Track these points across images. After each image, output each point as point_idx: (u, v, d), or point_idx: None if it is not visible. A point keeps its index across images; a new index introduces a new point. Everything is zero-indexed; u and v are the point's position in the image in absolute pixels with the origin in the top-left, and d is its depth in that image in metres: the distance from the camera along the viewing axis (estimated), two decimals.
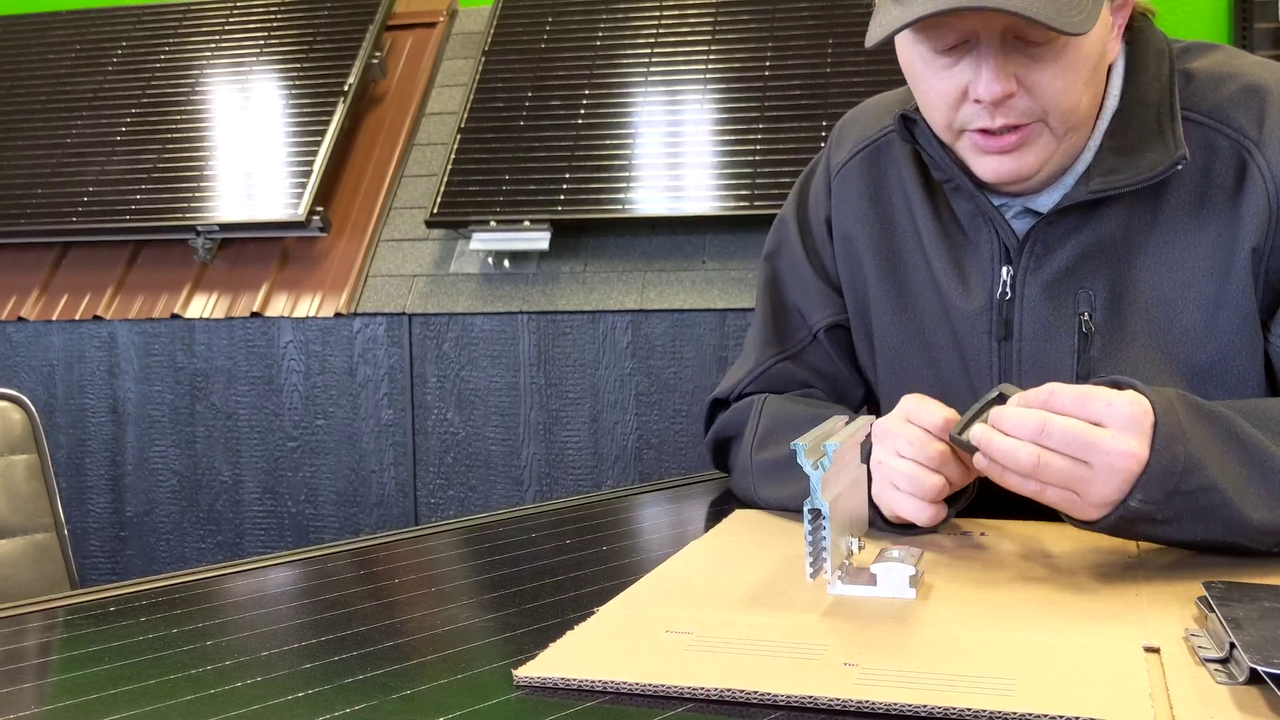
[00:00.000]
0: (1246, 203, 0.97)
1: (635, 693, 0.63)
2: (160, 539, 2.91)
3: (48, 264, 3.11)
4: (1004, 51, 0.92)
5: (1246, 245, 0.96)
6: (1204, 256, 0.98)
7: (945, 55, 0.95)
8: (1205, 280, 0.98)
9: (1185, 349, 0.99)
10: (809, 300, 1.19)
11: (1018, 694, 0.60)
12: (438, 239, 2.93)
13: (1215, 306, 0.98)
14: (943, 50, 0.95)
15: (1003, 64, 0.92)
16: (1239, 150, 0.98)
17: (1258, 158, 0.97)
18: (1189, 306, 0.98)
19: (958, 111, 0.97)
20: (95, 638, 0.78)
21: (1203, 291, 0.98)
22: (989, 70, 0.92)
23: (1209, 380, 0.98)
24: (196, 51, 3.34)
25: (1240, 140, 0.98)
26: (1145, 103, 1.00)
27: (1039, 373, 1.02)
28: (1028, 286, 1.03)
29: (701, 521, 1.12)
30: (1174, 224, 0.99)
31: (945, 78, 0.96)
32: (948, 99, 0.97)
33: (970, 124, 0.97)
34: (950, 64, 0.96)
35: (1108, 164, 0.99)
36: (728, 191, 2.73)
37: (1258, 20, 2.91)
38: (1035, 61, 0.93)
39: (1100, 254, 1.01)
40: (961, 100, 0.96)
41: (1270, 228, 0.96)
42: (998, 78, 0.92)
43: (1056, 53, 0.93)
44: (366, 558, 1.01)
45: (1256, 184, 0.97)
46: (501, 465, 2.75)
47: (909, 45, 0.99)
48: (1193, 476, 0.81)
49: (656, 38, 3.06)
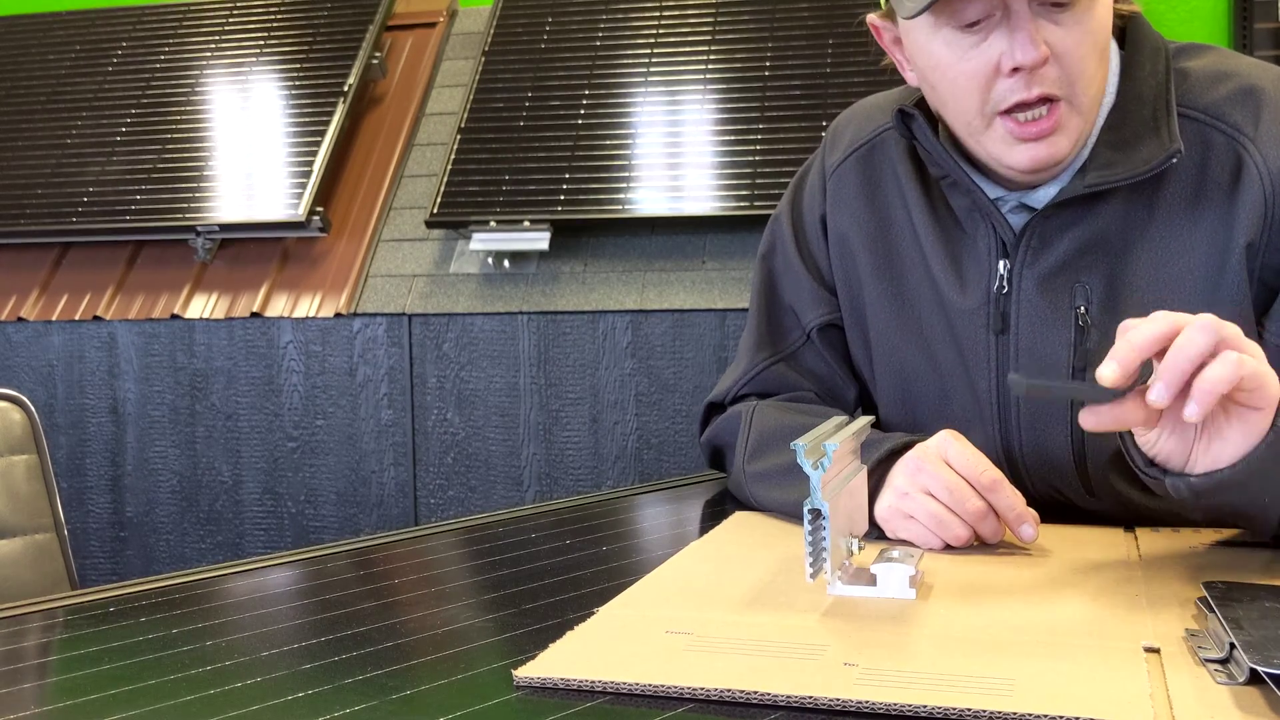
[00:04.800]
0: (1242, 199, 0.97)
1: (635, 693, 0.63)
2: (160, 539, 2.91)
3: (48, 264, 3.11)
4: (1033, 18, 0.94)
5: (1241, 240, 0.97)
6: (1199, 252, 0.99)
7: (970, 34, 0.96)
8: (1200, 275, 0.99)
9: None
10: (802, 300, 1.19)
11: (1018, 694, 0.60)
12: (438, 239, 2.93)
13: (1210, 302, 0.98)
14: (967, 26, 0.96)
15: (1036, 27, 0.94)
16: (1235, 147, 0.98)
17: (1254, 154, 0.98)
18: (1184, 301, 0.98)
19: (991, 90, 0.97)
20: (95, 638, 0.78)
21: (1197, 286, 0.99)
22: (1024, 35, 0.94)
23: None
24: (196, 52, 3.34)
25: (1236, 137, 0.99)
26: (1141, 99, 1.00)
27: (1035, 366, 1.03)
28: (1024, 280, 1.03)
29: (701, 521, 1.12)
30: (1170, 219, 1.00)
31: (974, 56, 0.97)
32: (979, 78, 0.97)
33: (1005, 100, 0.97)
34: (977, 41, 0.96)
35: (1104, 158, 1.00)
36: (728, 191, 2.73)
37: (1258, 20, 2.91)
38: (1061, 28, 0.95)
39: (1096, 248, 1.01)
40: (994, 77, 0.96)
41: (1265, 223, 0.97)
42: (1033, 41, 0.93)
43: (1078, 17, 0.95)
44: (366, 558, 1.01)
45: (1252, 180, 0.97)
46: (501, 466, 2.75)
47: (929, 35, 0.99)
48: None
49: (656, 38, 3.06)
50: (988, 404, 1.07)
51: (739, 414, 1.18)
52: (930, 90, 1.03)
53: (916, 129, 1.06)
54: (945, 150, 1.05)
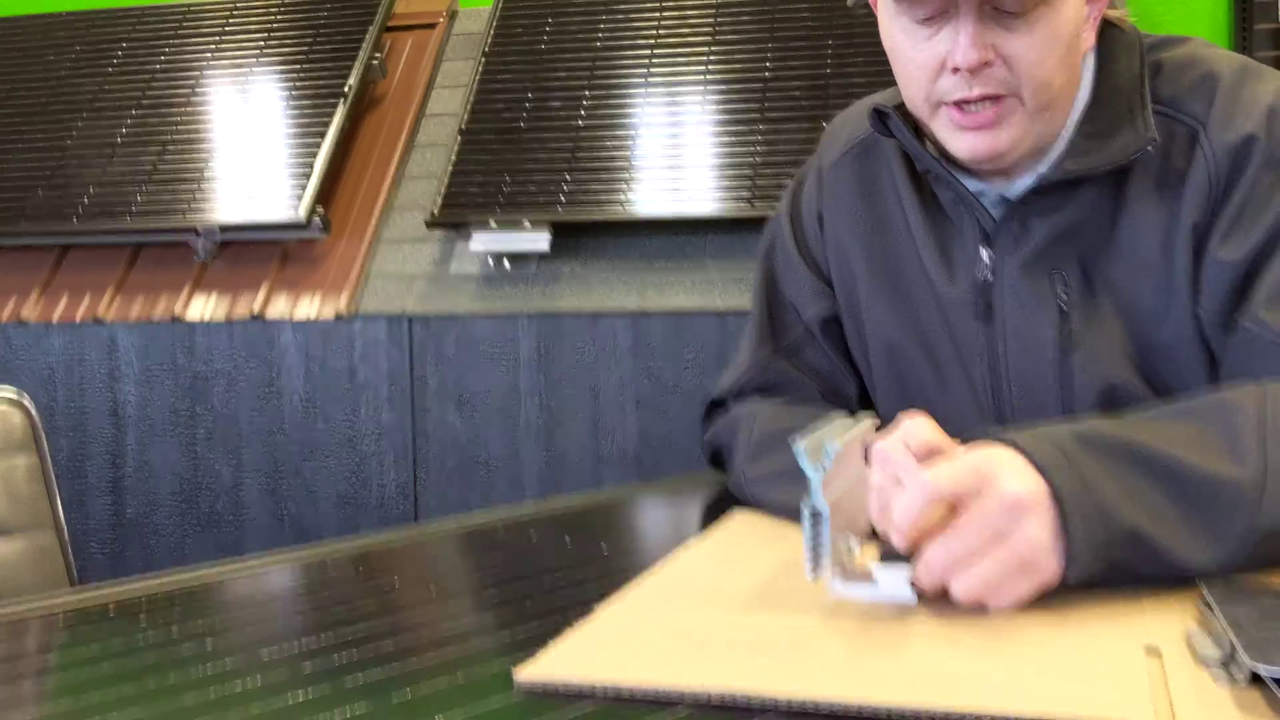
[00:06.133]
0: (1190, 181, 0.99)
1: (635, 693, 0.63)
2: (160, 541, 2.91)
3: (48, 265, 3.11)
4: (981, 20, 0.95)
5: (1188, 222, 0.99)
6: (1158, 238, 1.01)
7: (925, 26, 0.98)
8: (1160, 261, 1.01)
9: (1147, 328, 1.01)
10: (803, 295, 1.21)
11: (1017, 694, 0.60)
12: (438, 240, 2.93)
13: (1167, 288, 1.00)
14: (922, 20, 0.98)
15: (980, 32, 0.95)
16: (1191, 134, 1.01)
17: (1202, 138, 1.00)
18: (1148, 287, 1.01)
19: (935, 83, 1.00)
20: (95, 638, 0.78)
21: (1159, 272, 1.01)
22: (966, 37, 0.95)
23: (1167, 358, 1.01)
24: (197, 53, 3.34)
25: (1192, 125, 1.01)
26: (1117, 91, 1.03)
27: (1023, 351, 1.05)
28: (1007, 267, 1.05)
29: (701, 521, 1.12)
30: (1135, 208, 1.02)
31: (924, 49, 0.99)
32: (926, 70, 0.99)
33: (948, 95, 0.99)
34: (929, 35, 0.98)
35: (1080, 147, 1.02)
36: (728, 193, 2.73)
37: (1258, 20, 2.91)
38: (1011, 33, 0.96)
39: (1072, 236, 1.04)
40: (939, 71, 0.99)
41: (1209, 203, 0.98)
42: (974, 45, 0.95)
43: (1031, 25, 0.96)
44: (366, 558, 1.01)
45: (1199, 162, 0.99)
46: (501, 467, 2.74)
47: (890, 19, 1.02)
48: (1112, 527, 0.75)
49: (656, 39, 3.06)
50: (983, 392, 1.08)
51: (738, 417, 1.18)
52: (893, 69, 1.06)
53: (893, 125, 1.07)
54: (920, 145, 1.07)
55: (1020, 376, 1.06)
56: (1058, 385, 1.04)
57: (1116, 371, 1.01)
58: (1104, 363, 1.02)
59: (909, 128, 1.07)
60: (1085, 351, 1.02)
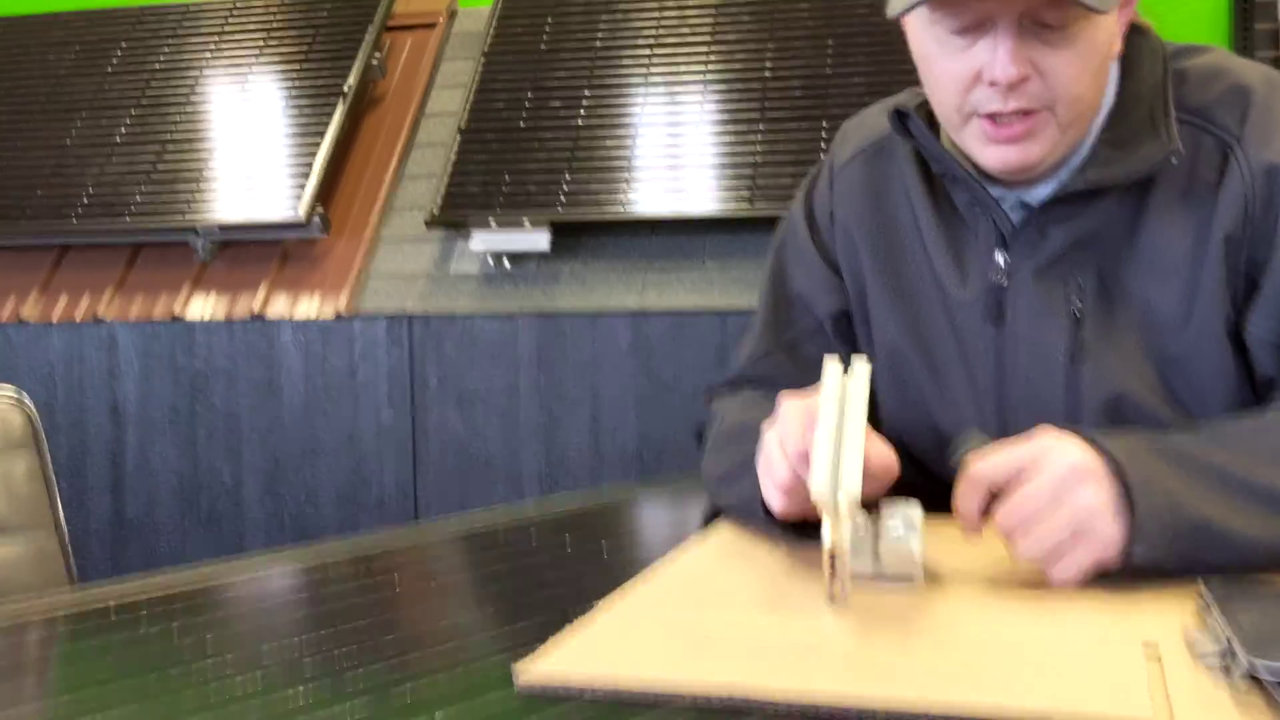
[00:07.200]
0: (1224, 194, 0.99)
1: (635, 693, 0.63)
2: (160, 540, 2.91)
3: (47, 265, 3.11)
4: (1020, 35, 0.94)
5: (1220, 233, 0.98)
6: (1184, 249, 1.00)
7: (960, 37, 0.97)
8: (1184, 272, 1.00)
9: (1164, 338, 1.01)
10: (815, 288, 1.21)
11: (1018, 693, 0.60)
12: (438, 239, 2.93)
13: (1191, 297, 1.00)
14: (958, 31, 0.96)
15: (1019, 47, 0.94)
16: (1223, 146, 1.00)
17: (1238, 152, 0.99)
18: (1169, 296, 1.00)
19: (969, 95, 0.98)
20: (95, 637, 0.78)
21: (1182, 283, 1.00)
22: (1005, 53, 0.94)
23: (1183, 369, 1.00)
24: (196, 52, 3.34)
25: (1224, 137, 1.00)
26: (1140, 100, 1.02)
27: (1032, 356, 1.04)
28: (1022, 272, 1.05)
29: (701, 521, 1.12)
30: (1159, 219, 1.01)
31: (959, 60, 0.97)
32: (960, 81, 0.98)
33: (981, 107, 0.98)
34: (965, 46, 0.97)
35: (1103, 157, 1.01)
36: (728, 192, 2.73)
37: (1258, 20, 2.91)
38: (1049, 47, 0.95)
39: (1091, 244, 1.03)
40: (974, 83, 0.97)
41: (1245, 217, 0.98)
42: (1013, 60, 0.94)
43: (1070, 39, 0.94)
44: (366, 558, 1.01)
45: (1234, 176, 0.99)
46: (502, 466, 2.74)
47: (923, 26, 1.00)
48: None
49: (656, 39, 3.06)
50: (986, 397, 1.07)
51: (715, 412, 1.20)
52: (921, 76, 1.05)
53: (913, 127, 1.07)
54: (943, 148, 1.06)
55: (1027, 382, 1.05)
56: (1064, 392, 1.03)
57: (1126, 382, 1.01)
58: (1114, 373, 1.01)
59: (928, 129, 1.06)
60: (1095, 361, 1.01)
